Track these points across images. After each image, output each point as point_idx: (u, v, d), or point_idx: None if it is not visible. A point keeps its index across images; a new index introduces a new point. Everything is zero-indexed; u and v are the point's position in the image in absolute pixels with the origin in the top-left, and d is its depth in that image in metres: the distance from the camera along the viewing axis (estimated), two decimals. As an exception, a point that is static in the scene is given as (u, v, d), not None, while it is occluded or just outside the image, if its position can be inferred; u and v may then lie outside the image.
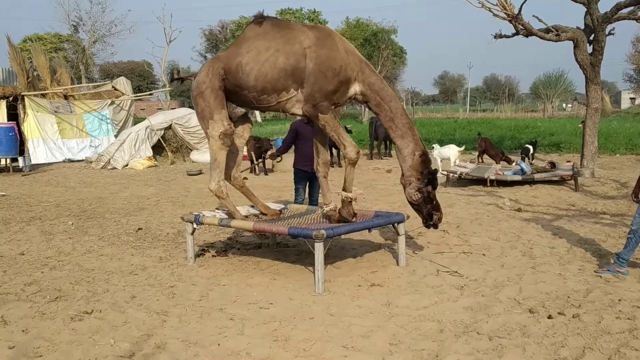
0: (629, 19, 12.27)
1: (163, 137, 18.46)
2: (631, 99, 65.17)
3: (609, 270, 5.54)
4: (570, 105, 61.55)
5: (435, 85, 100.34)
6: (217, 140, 5.83)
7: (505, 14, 11.78)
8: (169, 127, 18.57)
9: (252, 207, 6.56)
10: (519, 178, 11.40)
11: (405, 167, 5.76)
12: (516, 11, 11.79)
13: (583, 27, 12.81)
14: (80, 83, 31.27)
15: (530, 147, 14.40)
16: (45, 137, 18.53)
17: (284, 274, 5.82)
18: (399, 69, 53.01)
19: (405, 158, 5.73)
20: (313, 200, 7.50)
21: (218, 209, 6.79)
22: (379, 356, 3.86)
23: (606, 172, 13.39)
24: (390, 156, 18.70)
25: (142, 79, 59.22)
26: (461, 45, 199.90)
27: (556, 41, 12.43)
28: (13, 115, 18.30)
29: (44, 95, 19.15)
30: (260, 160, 15.13)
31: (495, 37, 13.47)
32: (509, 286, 5.29)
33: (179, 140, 18.93)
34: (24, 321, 4.58)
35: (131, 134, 17.71)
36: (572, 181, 11.27)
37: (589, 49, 12.57)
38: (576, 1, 12.63)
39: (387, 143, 19.04)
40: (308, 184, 7.60)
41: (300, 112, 5.75)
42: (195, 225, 6.19)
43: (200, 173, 15.19)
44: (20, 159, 16.94)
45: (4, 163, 16.80)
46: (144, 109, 48.17)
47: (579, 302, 4.80)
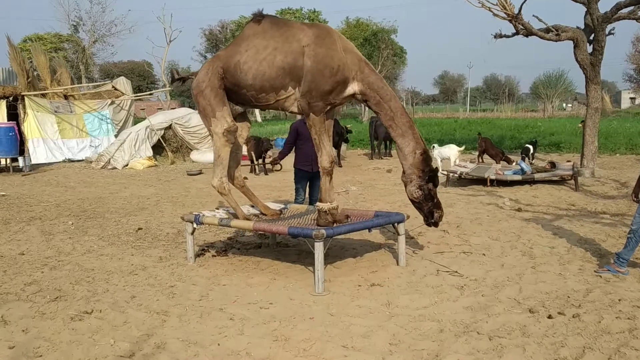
0: (629, 19, 12.28)
1: (163, 137, 18.47)
2: (631, 98, 65.21)
3: (609, 270, 5.53)
4: (570, 105, 61.54)
5: (435, 85, 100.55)
6: (221, 137, 5.84)
7: (505, 13, 11.78)
8: (169, 127, 18.58)
9: (253, 207, 6.57)
10: (519, 178, 11.41)
11: (407, 165, 5.77)
12: (516, 11, 11.80)
13: (583, 27, 12.82)
14: (80, 83, 31.26)
15: (531, 147, 14.40)
16: (46, 137, 18.55)
17: (284, 273, 5.82)
18: (399, 68, 53.08)
19: (406, 156, 5.74)
20: (313, 200, 7.50)
21: (218, 208, 6.79)
22: (379, 356, 3.86)
23: (606, 172, 13.39)
24: (391, 156, 18.71)
25: (142, 79, 59.26)
26: (461, 45, 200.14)
27: (556, 41, 12.44)
28: (13, 115, 18.33)
29: (44, 95, 19.16)
30: (260, 160, 15.14)
31: (495, 37, 13.49)
32: (509, 286, 5.29)
33: (179, 140, 18.94)
34: (24, 321, 4.58)
35: (131, 134, 17.73)
36: (572, 181, 11.27)
37: (589, 48, 12.57)
38: (576, 1, 12.63)
39: (387, 143, 19.05)
40: (308, 183, 7.61)
41: (298, 110, 5.74)
42: (195, 225, 6.19)
43: (200, 173, 15.19)
44: (20, 159, 16.96)
45: (4, 163, 16.82)
46: (144, 109, 48.19)
47: (579, 302, 4.80)
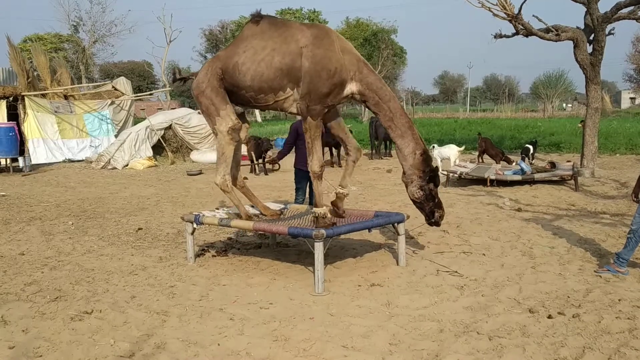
0: (629, 19, 12.29)
1: (163, 137, 18.47)
2: (631, 98, 65.21)
3: (608, 270, 5.54)
4: (570, 105, 61.56)
5: (436, 85, 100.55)
6: (226, 136, 5.85)
7: (505, 13, 11.78)
8: (169, 127, 18.58)
9: (252, 207, 6.57)
10: (519, 178, 11.41)
11: (407, 166, 5.76)
12: (516, 11, 11.80)
13: (583, 27, 12.82)
14: (81, 83, 31.26)
15: (531, 147, 14.40)
16: (46, 137, 18.55)
17: (284, 273, 5.82)
18: (399, 68, 53.09)
19: (406, 157, 5.74)
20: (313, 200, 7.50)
21: (218, 209, 6.79)
22: (378, 356, 3.86)
23: (606, 172, 13.39)
24: (391, 156, 18.70)
25: (142, 79, 59.27)
26: (461, 45, 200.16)
27: (556, 41, 12.44)
28: (13, 115, 18.34)
29: (44, 96, 19.16)
30: (260, 161, 15.14)
31: (495, 37, 13.49)
32: (508, 286, 5.29)
33: (179, 140, 18.94)
34: (24, 321, 4.58)
35: (131, 134, 17.73)
36: (572, 181, 11.27)
37: (589, 48, 12.57)
38: (576, 1, 12.63)
39: (387, 143, 19.04)
40: (308, 184, 7.61)
41: (297, 111, 5.75)
42: (195, 225, 6.19)
43: (200, 173, 15.19)
44: (20, 159, 16.96)
45: (4, 163, 16.82)
46: (144, 109, 48.19)
47: (578, 302, 4.80)
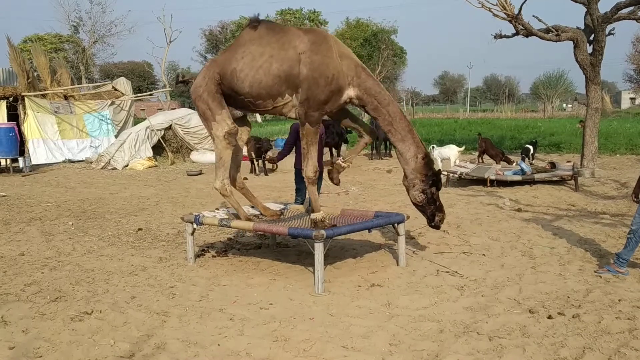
0: (629, 19, 12.28)
1: (163, 138, 18.48)
2: (631, 99, 65.20)
3: (609, 270, 5.54)
4: (570, 106, 61.56)
5: (436, 86, 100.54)
6: (223, 140, 5.85)
7: (505, 14, 11.78)
8: (169, 128, 18.59)
9: (252, 208, 6.57)
10: (519, 178, 11.40)
11: (409, 170, 5.75)
12: (516, 11, 11.80)
13: (583, 27, 12.82)
14: (81, 83, 31.27)
15: (531, 147, 14.39)
16: (46, 138, 18.55)
17: (284, 274, 5.82)
18: (399, 69, 53.00)
19: (407, 161, 5.73)
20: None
21: (218, 209, 6.79)
22: (378, 356, 3.86)
23: (606, 172, 13.38)
24: (391, 156, 18.69)
25: (142, 80, 59.28)
26: (461, 46, 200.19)
27: (556, 41, 12.43)
28: (13, 115, 18.34)
29: (44, 96, 19.16)
30: (261, 161, 15.14)
31: (495, 37, 13.49)
32: (508, 286, 5.29)
33: (179, 141, 18.94)
34: (24, 322, 4.58)
35: (131, 135, 17.73)
36: (572, 181, 11.27)
37: (589, 49, 12.57)
38: (576, 1, 12.63)
39: (387, 143, 19.03)
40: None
41: (296, 116, 5.75)
42: (195, 226, 6.19)
43: (200, 173, 15.19)
44: (20, 160, 16.95)
45: (4, 163, 16.82)
46: (144, 110, 48.18)
47: (578, 302, 4.80)
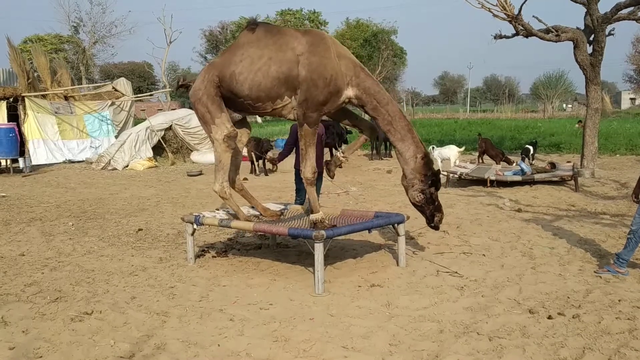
0: (629, 20, 12.28)
1: (163, 138, 18.48)
2: (631, 99, 65.21)
3: (608, 271, 5.54)
4: (570, 106, 61.57)
5: (436, 86, 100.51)
6: (222, 144, 5.86)
7: (505, 14, 11.78)
8: (169, 128, 18.59)
9: (252, 208, 6.57)
10: (519, 178, 11.40)
11: (408, 170, 5.75)
12: (516, 11, 11.79)
13: (583, 28, 12.82)
14: (81, 84, 31.22)
15: (531, 148, 14.39)
16: (46, 138, 18.55)
17: (284, 274, 5.82)
18: (399, 69, 53.05)
19: (407, 161, 5.73)
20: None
21: (218, 209, 6.80)
22: (378, 357, 3.87)
23: (606, 173, 13.38)
24: (391, 156, 18.70)
25: (143, 80, 59.25)
26: (461, 46, 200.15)
27: (556, 41, 12.43)
28: (13, 116, 18.34)
29: (44, 96, 19.17)
30: (261, 162, 15.14)
31: (495, 38, 13.49)
32: (508, 286, 5.29)
33: (179, 141, 18.95)
34: (24, 322, 4.58)
35: (131, 135, 17.73)
36: (572, 181, 11.27)
37: (589, 49, 12.57)
38: (576, 2, 12.64)
39: (387, 144, 19.04)
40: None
41: (295, 117, 5.75)
42: (195, 226, 6.20)
43: (200, 174, 15.19)
44: (20, 160, 16.96)
45: (5, 164, 16.81)
46: (144, 110, 48.13)
47: (578, 303, 4.80)
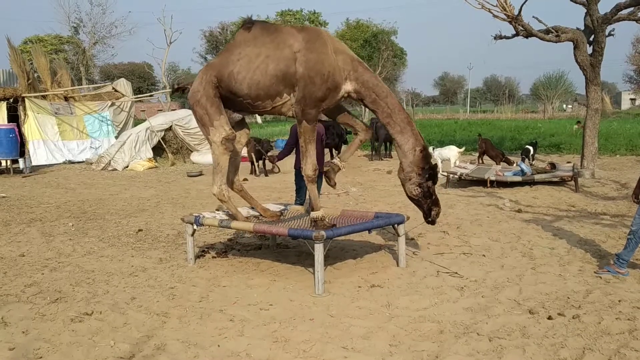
0: (629, 20, 12.28)
1: (163, 139, 18.48)
2: (631, 99, 65.22)
3: (609, 271, 5.54)
4: (570, 106, 61.56)
5: (436, 87, 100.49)
6: (220, 146, 5.85)
7: (505, 14, 11.78)
8: (169, 129, 18.59)
9: (252, 209, 6.57)
10: (519, 179, 11.40)
11: (406, 163, 5.73)
12: (516, 12, 11.79)
13: (583, 28, 12.81)
14: (81, 84, 31.26)
15: (531, 148, 14.38)
16: (46, 139, 18.56)
17: (284, 275, 5.82)
18: (399, 70, 53.13)
19: (405, 154, 5.71)
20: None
21: (218, 210, 6.80)
22: (379, 357, 3.87)
23: (606, 173, 13.38)
24: (391, 157, 18.69)
25: (143, 81, 59.32)
26: (461, 47, 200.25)
27: (556, 42, 12.43)
28: (13, 116, 18.34)
29: (44, 97, 19.17)
30: (261, 162, 15.14)
31: (495, 38, 13.49)
32: (509, 287, 5.29)
33: (179, 142, 18.95)
34: (24, 322, 4.58)
35: (131, 136, 17.74)
36: (572, 182, 11.27)
37: (589, 49, 12.57)
38: (576, 2, 12.63)
39: (387, 144, 19.05)
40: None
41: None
42: (195, 227, 6.19)
43: (200, 174, 15.19)
44: (20, 161, 16.96)
45: (5, 164, 16.81)
46: (144, 111, 48.20)
47: (578, 303, 4.80)
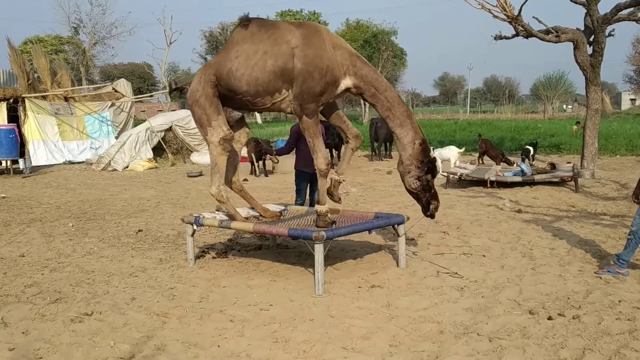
0: (629, 20, 12.27)
1: (163, 139, 18.48)
2: (631, 100, 65.19)
3: (609, 272, 5.54)
4: (570, 107, 61.55)
5: (436, 87, 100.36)
6: (217, 146, 5.84)
7: (505, 15, 11.78)
8: (169, 129, 18.60)
9: (252, 209, 6.57)
10: (519, 179, 11.40)
11: (405, 156, 5.71)
12: (516, 12, 11.79)
13: (583, 29, 12.81)
14: (81, 85, 31.25)
15: (531, 149, 14.38)
16: (46, 139, 18.56)
17: (284, 275, 5.82)
18: (399, 70, 53.11)
19: (405, 147, 5.69)
20: (314, 202, 7.49)
21: (218, 210, 6.80)
22: (379, 357, 3.87)
23: (606, 173, 13.38)
24: (391, 157, 18.70)
25: (143, 81, 59.29)
26: (461, 47, 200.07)
27: (556, 42, 12.42)
28: (14, 117, 18.35)
29: (44, 97, 19.17)
30: (261, 162, 15.15)
31: (495, 39, 13.48)
32: (509, 287, 5.29)
33: (179, 142, 18.95)
34: (24, 323, 4.58)
35: (131, 136, 17.74)
36: (573, 182, 11.26)
37: (589, 50, 12.57)
38: (576, 2, 12.63)
39: (387, 144, 19.06)
40: (309, 185, 7.61)
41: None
42: (195, 227, 6.19)
43: (200, 175, 15.19)
44: (20, 161, 16.95)
45: (5, 165, 16.81)
46: (144, 111, 48.15)
47: (579, 303, 4.80)
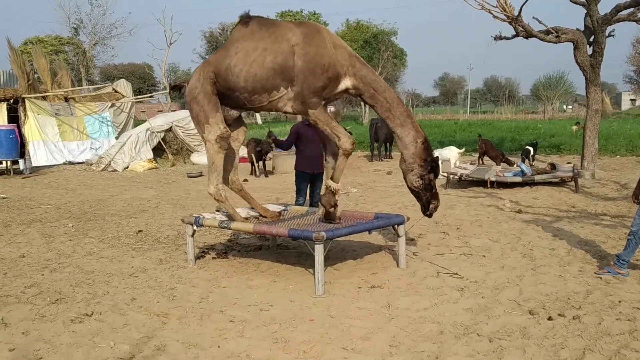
0: (629, 21, 12.28)
1: (163, 139, 18.48)
2: (631, 100, 65.20)
3: (609, 272, 5.53)
4: (570, 107, 61.56)
5: (436, 87, 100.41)
6: (214, 144, 5.82)
7: (505, 15, 11.78)
8: (170, 129, 18.59)
9: (252, 209, 6.57)
10: (519, 179, 11.40)
11: (408, 154, 5.69)
12: (516, 13, 11.79)
13: (583, 29, 12.81)
14: (81, 85, 31.28)
15: (531, 149, 14.38)
16: (46, 140, 18.57)
17: (284, 276, 5.82)
18: (399, 70, 53.10)
19: (407, 146, 5.67)
20: (314, 203, 7.50)
21: (218, 211, 6.80)
22: (379, 358, 3.86)
23: (606, 174, 13.38)
24: (391, 158, 18.70)
25: (143, 81, 59.31)
26: (461, 47, 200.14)
27: (556, 43, 12.42)
28: (14, 117, 18.35)
29: (44, 98, 19.18)
30: (261, 163, 15.15)
31: (495, 39, 13.49)
32: (509, 288, 5.29)
33: (180, 143, 18.95)
34: (24, 323, 4.58)
35: (132, 136, 17.74)
36: (573, 183, 11.26)
37: (589, 50, 12.57)
38: (576, 3, 12.64)
39: (388, 145, 19.06)
40: (309, 185, 7.61)
41: (292, 110, 5.73)
42: (195, 227, 6.19)
43: (200, 175, 15.20)
44: (20, 162, 16.95)
45: (5, 165, 16.80)
46: (144, 111, 48.15)
47: (579, 304, 4.80)
